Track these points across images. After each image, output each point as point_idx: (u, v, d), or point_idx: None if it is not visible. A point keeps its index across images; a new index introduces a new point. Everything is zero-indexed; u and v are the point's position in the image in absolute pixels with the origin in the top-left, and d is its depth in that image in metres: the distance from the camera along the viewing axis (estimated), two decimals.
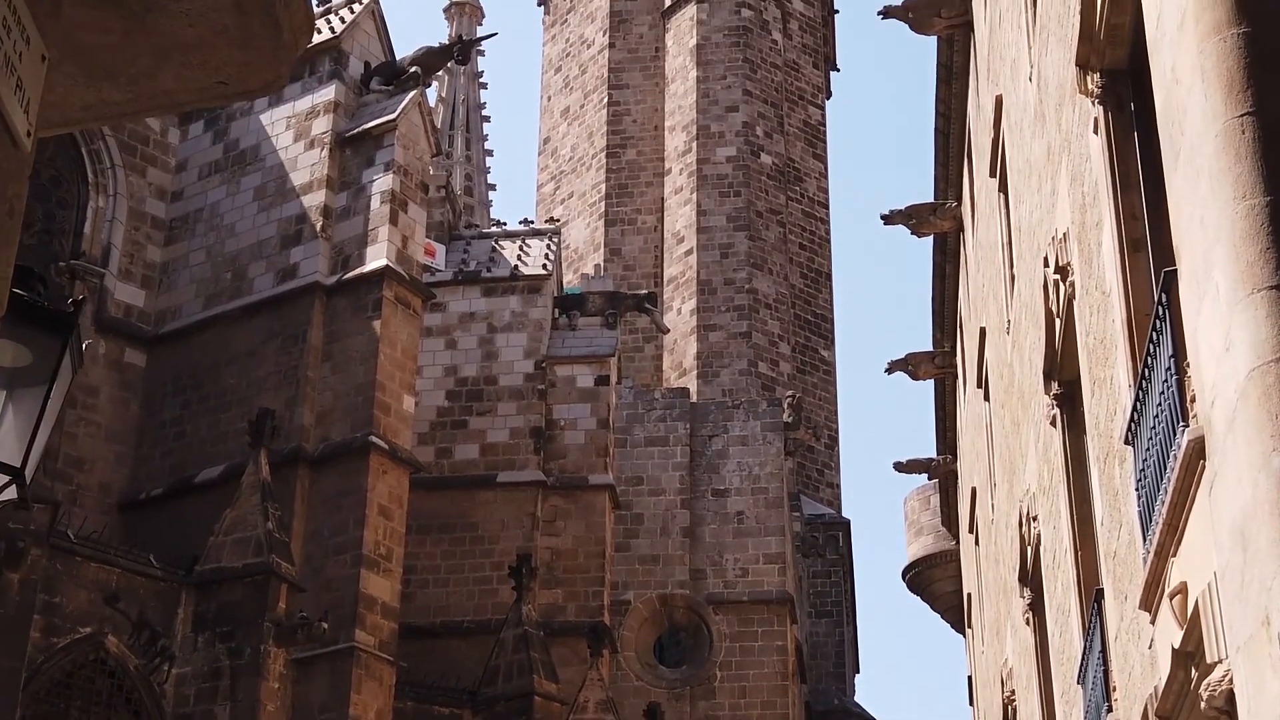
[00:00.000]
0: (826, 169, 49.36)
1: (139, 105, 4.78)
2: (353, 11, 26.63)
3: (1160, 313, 7.43)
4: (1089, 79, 9.53)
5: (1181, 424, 7.02)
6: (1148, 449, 7.89)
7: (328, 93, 25.77)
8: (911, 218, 23.09)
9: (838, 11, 53.03)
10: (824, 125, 49.94)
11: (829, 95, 51.43)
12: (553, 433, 30.53)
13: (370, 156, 25.03)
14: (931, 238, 24.03)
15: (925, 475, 30.70)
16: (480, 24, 70.23)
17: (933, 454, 29.41)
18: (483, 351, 30.66)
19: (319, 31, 26.54)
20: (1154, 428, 7.71)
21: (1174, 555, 7.45)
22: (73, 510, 22.46)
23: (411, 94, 25.33)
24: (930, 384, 27.79)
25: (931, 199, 23.31)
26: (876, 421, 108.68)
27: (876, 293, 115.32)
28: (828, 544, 41.71)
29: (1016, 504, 15.71)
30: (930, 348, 26.48)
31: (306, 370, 23.84)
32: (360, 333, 23.89)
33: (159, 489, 24.75)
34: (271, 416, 22.04)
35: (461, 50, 26.95)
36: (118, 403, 25.33)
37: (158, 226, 26.55)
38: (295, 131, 25.80)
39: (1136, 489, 8.29)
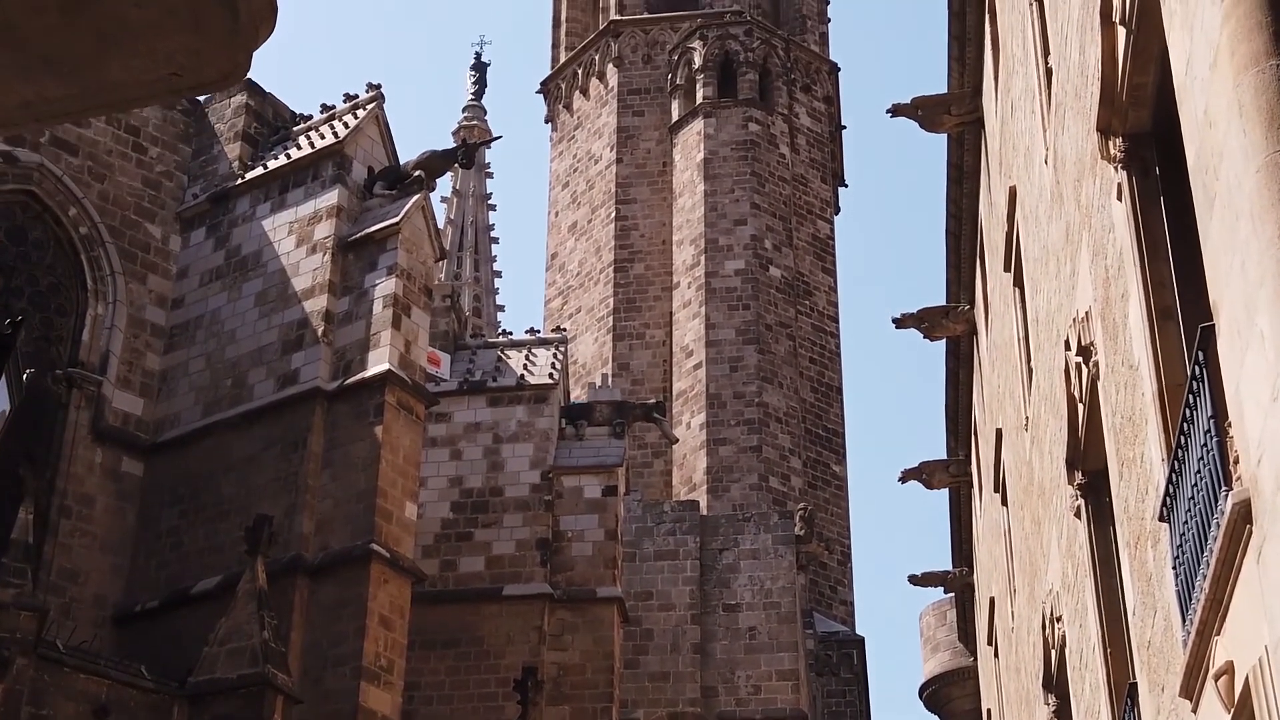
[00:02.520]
0: (836, 283, 49.16)
1: (84, 102, 4.35)
2: (356, 116, 26.45)
3: (1197, 372, 7.04)
4: (1111, 144, 9.24)
5: (1224, 489, 6.62)
6: (1186, 522, 7.48)
7: (330, 197, 25.51)
8: (924, 321, 22.87)
9: (845, 127, 53.18)
10: (833, 239, 49.81)
11: (837, 210, 51.43)
12: (559, 544, 30.00)
13: (373, 260, 24.74)
14: (944, 342, 23.79)
15: (941, 588, 30.22)
16: (489, 146, 70.64)
17: (948, 567, 28.96)
18: (488, 462, 30.22)
19: (322, 136, 26.41)
20: (1192, 498, 7.29)
21: (1218, 633, 7.02)
22: (64, 623, 21.88)
23: (415, 198, 25.06)
24: (945, 495, 27.44)
25: (943, 304, 23.09)
26: (890, 534, 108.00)
27: (888, 405, 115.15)
28: (842, 662, 40.87)
29: (1039, 607, 15.27)
30: (944, 456, 26.14)
31: (306, 478, 23.34)
32: (361, 439, 23.43)
33: (154, 602, 24.16)
34: (269, 523, 21.54)
35: (466, 153, 26.73)
36: (114, 513, 24.83)
37: (157, 334, 26.21)
38: (297, 236, 25.53)
39: (1174, 567, 7.85)
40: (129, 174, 26.74)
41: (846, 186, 53.06)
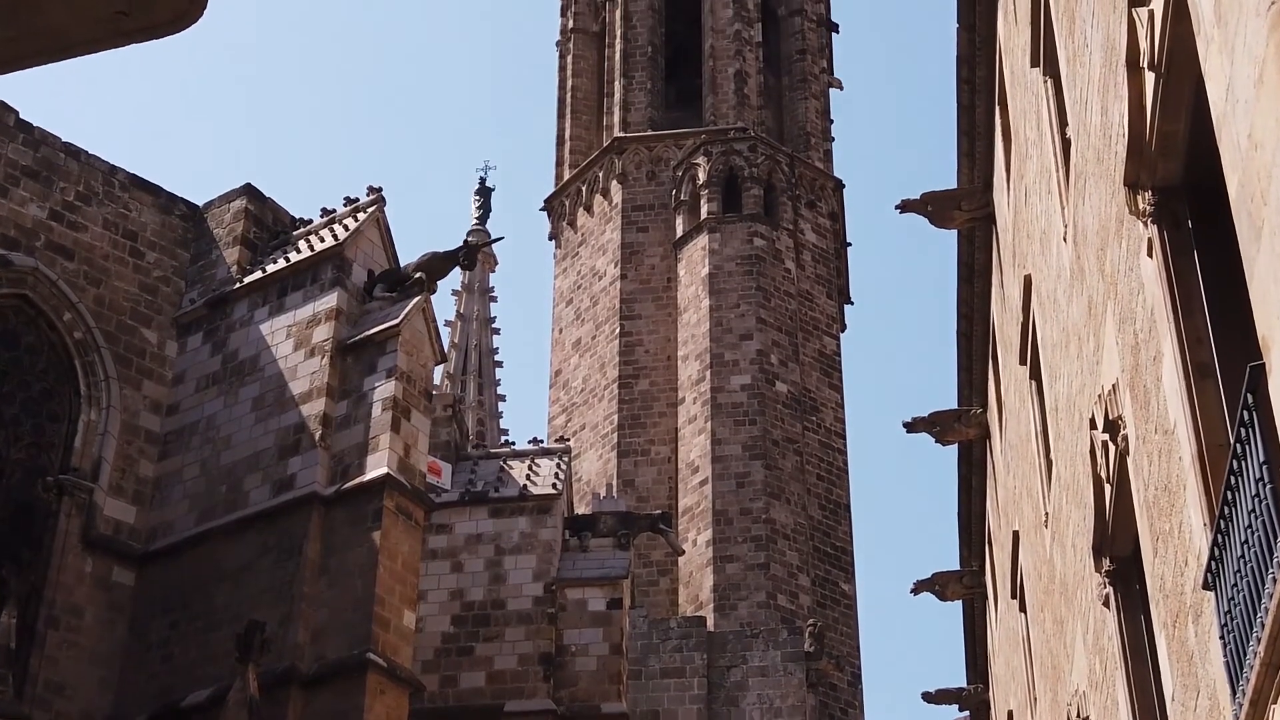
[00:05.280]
0: (843, 400, 48.69)
1: (25, 48, 3.86)
2: (356, 219, 26.17)
3: (1246, 417, 6.54)
4: (1140, 198, 8.84)
5: None
6: (1235, 584, 6.97)
7: (329, 300, 25.13)
8: (935, 425, 22.50)
9: (850, 244, 53.06)
10: (839, 355, 49.45)
11: (843, 327, 51.09)
12: (563, 659, 29.28)
13: (372, 363, 24.29)
14: (956, 448, 23.39)
15: (955, 706, 29.45)
16: (493, 270, 70.59)
17: (963, 683, 28.28)
18: (490, 574, 29.61)
19: (322, 240, 26.09)
20: (1243, 556, 6.79)
21: (1275, 701, 6.48)
22: None
23: (416, 299, 24.68)
24: (958, 611, 26.90)
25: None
26: (902, 653, 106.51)
27: (896, 524, 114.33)
28: None
29: (1063, 711, 14.72)
30: (957, 567, 25.63)
31: (302, 586, 22.68)
32: (359, 545, 22.82)
33: (142, 716, 23.38)
34: (261, 630, 20.90)
35: (468, 254, 26.38)
36: (104, 624, 24.13)
37: (151, 441, 25.69)
38: (295, 340, 25.11)
39: (1222, 637, 7.32)
40: (125, 279, 26.41)
41: (852, 304, 52.82)
